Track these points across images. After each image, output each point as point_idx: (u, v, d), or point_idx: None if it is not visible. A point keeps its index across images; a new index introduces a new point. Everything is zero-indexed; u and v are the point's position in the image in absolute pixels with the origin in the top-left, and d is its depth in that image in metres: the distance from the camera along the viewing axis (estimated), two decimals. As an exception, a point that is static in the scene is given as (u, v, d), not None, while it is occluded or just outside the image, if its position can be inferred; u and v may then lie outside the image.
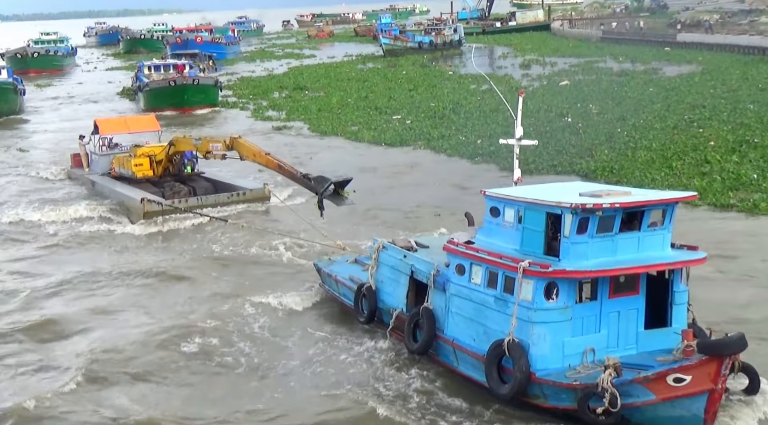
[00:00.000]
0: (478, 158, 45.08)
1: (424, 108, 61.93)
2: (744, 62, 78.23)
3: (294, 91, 78.04)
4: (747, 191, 34.19)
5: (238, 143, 31.93)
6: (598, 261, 16.47)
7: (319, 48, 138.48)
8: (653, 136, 45.28)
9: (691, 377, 14.81)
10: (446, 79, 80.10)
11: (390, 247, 21.59)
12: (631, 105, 56.10)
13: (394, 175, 43.08)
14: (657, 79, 69.85)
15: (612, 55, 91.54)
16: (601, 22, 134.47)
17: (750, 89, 60.04)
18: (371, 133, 54.04)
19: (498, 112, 57.11)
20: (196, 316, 23.97)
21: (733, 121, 48.12)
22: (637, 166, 39.31)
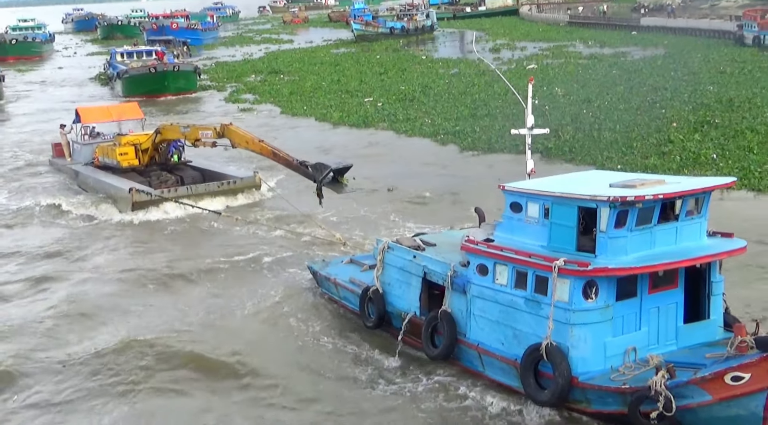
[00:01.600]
0: (440, 137, 45.08)
1: (395, 91, 61.55)
2: (706, 45, 78.74)
3: (269, 75, 77.50)
4: (702, 170, 34.07)
5: (229, 130, 30.37)
6: (637, 255, 15.27)
7: (295, 33, 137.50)
8: (617, 117, 45.25)
9: (750, 374, 13.66)
10: (417, 64, 79.73)
11: (396, 247, 19.71)
12: (595, 87, 56.11)
13: (360, 152, 42.23)
14: (622, 62, 70.00)
15: (581, 39, 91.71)
16: (567, 7, 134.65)
17: (710, 72, 60.37)
18: (340, 114, 53.78)
19: (466, 94, 57.21)
20: (189, 319, 22.26)
21: (694, 101, 48.29)
22: (600, 146, 39.37)
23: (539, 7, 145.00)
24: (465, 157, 41.06)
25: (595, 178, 18.53)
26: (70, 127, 40.13)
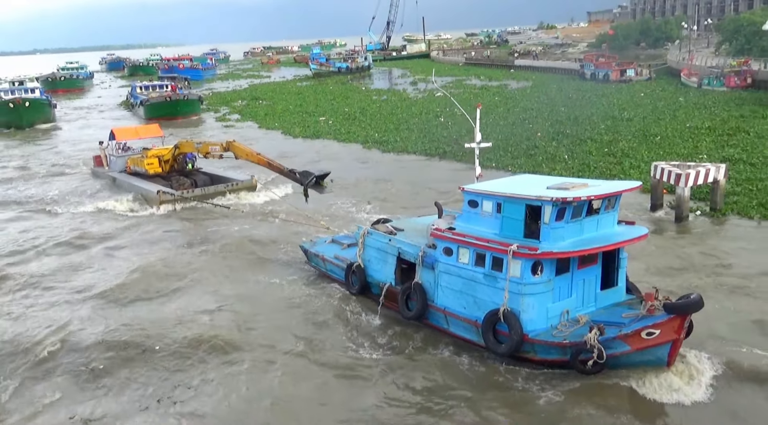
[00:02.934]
0: (368, 144, 44.88)
1: (341, 112, 60.69)
2: (559, 79, 79.47)
3: (251, 101, 75.77)
4: (556, 166, 34.44)
5: (233, 146, 29.35)
6: (571, 241, 14.99)
7: (271, 71, 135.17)
8: (499, 130, 45.27)
9: (660, 330, 13.96)
10: (358, 93, 78.84)
11: (374, 233, 19.24)
12: (483, 109, 55.89)
13: (311, 156, 41.68)
14: (504, 91, 70.15)
15: (475, 75, 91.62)
16: (464, 52, 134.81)
17: (562, 98, 60.95)
18: (300, 128, 53.06)
19: (392, 114, 56.67)
20: (210, 297, 20.37)
21: (551, 119, 48.62)
22: (487, 151, 39.19)
23: (444, 52, 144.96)
24: (384, 157, 41.35)
25: (531, 181, 17.89)
26: (106, 143, 39.02)
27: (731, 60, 67.13)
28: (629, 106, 52.06)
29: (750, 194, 27.09)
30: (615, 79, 71.31)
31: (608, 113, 49.35)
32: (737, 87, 57.46)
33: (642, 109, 50.64)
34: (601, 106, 53.90)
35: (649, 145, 37.37)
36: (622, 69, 73.41)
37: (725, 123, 42.41)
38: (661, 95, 58.29)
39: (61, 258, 24.65)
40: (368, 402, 14.55)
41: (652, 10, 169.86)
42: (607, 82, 70.86)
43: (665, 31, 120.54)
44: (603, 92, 62.55)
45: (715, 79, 60.04)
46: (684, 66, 71.01)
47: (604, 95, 60.39)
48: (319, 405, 14.54)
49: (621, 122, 45.39)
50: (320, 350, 16.80)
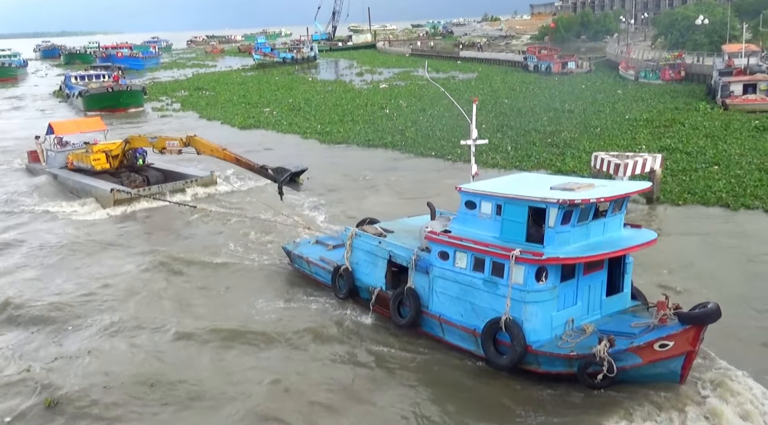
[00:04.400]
0: (306, 134, 44.68)
1: (285, 103, 59.70)
2: (504, 71, 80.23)
3: (194, 91, 73.84)
4: (499, 156, 34.81)
5: (194, 141, 27.15)
6: (577, 245, 13.96)
7: (215, 60, 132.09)
8: (444, 121, 45.30)
9: (674, 342, 12.99)
10: (303, 84, 77.75)
11: (363, 235, 18.05)
12: (428, 100, 56.13)
13: (251, 146, 40.37)
14: (450, 83, 70.16)
15: (422, 67, 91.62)
16: (410, 43, 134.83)
17: (506, 89, 61.55)
18: (242, 119, 52.19)
19: (337, 106, 56.11)
20: (178, 304, 18.90)
21: (495, 110, 48.96)
22: (433, 141, 39.38)
23: (390, 43, 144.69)
24: (322, 147, 41.31)
25: (532, 181, 16.88)
26: (43, 137, 36.28)
27: (666, 53, 69.14)
28: (570, 98, 52.91)
29: (683, 183, 27.84)
30: (557, 71, 72.47)
31: (550, 105, 50.04)
32: (672, 80, 59.16)
33: (583, 101, 51.54)
34: (543, 97, 54.63)
35: (590, 136, 38.03)
36: (563, 61, 74.66)
37: (662, 115, 43.55)
38: (600, 87, 59.50)
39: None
40: (354, 419, 13.42)
41: (592, 4, 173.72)
42: (549, 74, 71.93)
43: (604, 24, 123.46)
44: (545, 84, 63.42)
45: (651, 72, 61.68)
46: (622, 59, 72.74)
47: (547, 87, 61.23)
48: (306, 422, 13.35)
49: (563, 114, 46.09)
50: (304, 361, 15.54)
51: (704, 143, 34.48)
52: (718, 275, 19.15)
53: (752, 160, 30.30)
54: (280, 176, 24.46)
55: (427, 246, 16.01)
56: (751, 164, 29.73)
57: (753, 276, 19.04)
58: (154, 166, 32.97)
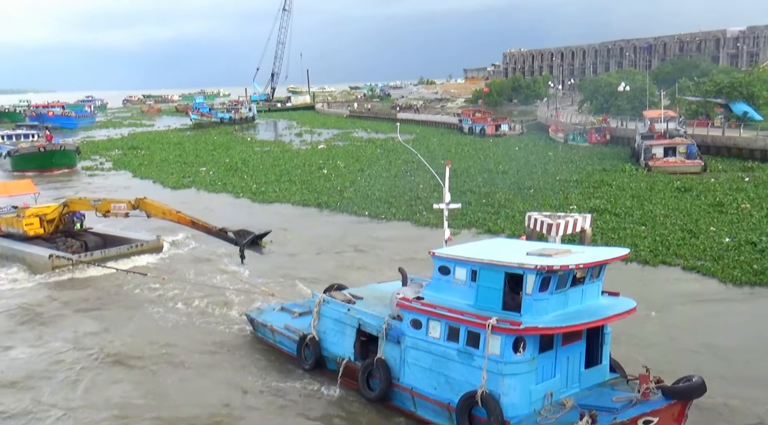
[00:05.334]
0: (239, 194, 44.49)
1: (222, 162, 59.28)
2: (440, 133, 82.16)
3: (129, 150, 72.52)
4: (432, 215, 34.81)
5: (144, 203, 25.62)
6: (555, 314, 13.37)
7: (153, 120, 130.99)
8: (382, 182, 45.73)
9: (659, 418, 12.39)
10: (241, 143, 77.44)
11: (331, 301, 17.23)
12: (366, 161, 56.73)
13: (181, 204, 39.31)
14: (388, 144, 71.05)
15: (362, 128, 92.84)
16: (348, 105, 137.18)
17: (442, 151, 62.87)
18: (175, 178, 51.58)
19: (275, 165, 55.99)
20: (137, 377, 17.70)
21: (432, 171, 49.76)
22: (371, 201, 39.52)
23: (329, 104, 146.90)
24: (253, 205, 41.13)
25: (507, 246, 16.32)
26: None
27: (592, 117, 72.59)
28: (504, 160, 54.50)
29: (611, 241, 28.68)
30: (491, 133, 74.80)
31: (485, 166, 51.33)
32: (598, 142, 61.94)
33: (516, 162, 53.14)
34: (478, 159, 56.05)
35: (523, 197, 38.99)
36: (496, 124, 77.22)
37: (590, 176, 45.26)
38: (532, 149, 61.64)
39: None
40: None
41: (522, 70, 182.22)
42: (483, 136, 74.14)
43: (534, 89, 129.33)
44: (480, 146, 65.25)
45: (578, 135, 64.47)
46: (552, 122, 75.92)
47: (482, 148, 62.98)
48: None
49: (497, 175, 47.29)
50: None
51: (631, 203, 35.86)
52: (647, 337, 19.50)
53: (676, 221, 31.62)
54: (242, 239, 23.32)
55: (399, 314, 15.33)
56: (674, 224, 31.01)
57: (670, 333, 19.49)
58: (92, 230, 31.09)
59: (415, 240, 30.97)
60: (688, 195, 37.51)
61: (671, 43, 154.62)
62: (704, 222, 30.98)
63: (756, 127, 53.23)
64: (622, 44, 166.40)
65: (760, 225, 30.07)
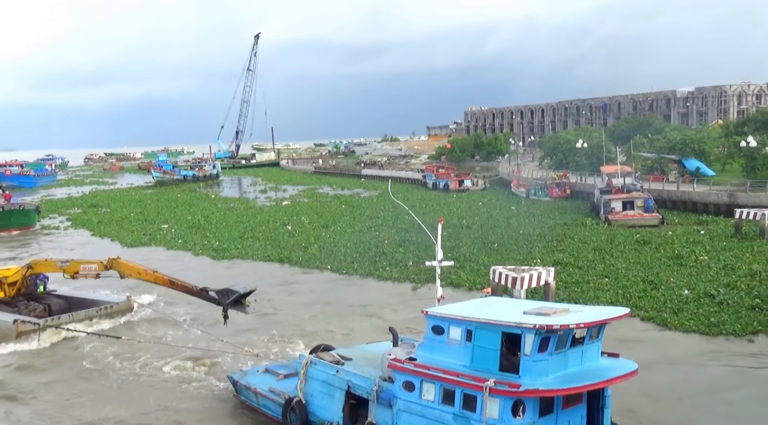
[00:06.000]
0: (198, 251, 43.84)
1: (185, 220, 58.59)
2: (405, 188, 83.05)
3: (89, 208, 71.36)
4: (402, 270, 35.33)
5: (117, 263, 24.42)
6: (555, 376, 12.86)
7: (115, 178, 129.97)
8: (347, 237, 45.65)
9: None
10: (205, 201, 76.90)
11: (319, 362, 16.46)
12: (330, 217, 56.72)
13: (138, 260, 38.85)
14: (354, 199, 71.45)
15: (327, 184, 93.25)
16: (313, 161, 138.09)
17: (407, 205, 62.91)
18: (135, 236, 50.61)
19: (239, 222, 55.53)
20: None
21: (397, 226, 50.00)
22: (337, 257, 39.31)
23: (293, 161, 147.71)
24: (215, 264, 40.37)
25: (502, 304, 15.82)
26: None
27: (552, 173, 74.36)
28: (468, 214, 55.10)
29: (574, 294, 28.88)
30: (454, 189, 75.85)
31: (449, 221, 51.69)
32: (559, 197, 63.26)
33: (479, 216, 53.75)
34: (442, 213, 56.47)
35: (488, 251, 39.25)
36: (460, 179, 78.45)
37: (553, 230, 45.96)
38: (496, 204, 62.55)
39: None
40: None
41: (483, 127, 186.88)
42: (447, 192, 75.09)
43: (495, 145, 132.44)
44: (444, 201, 65.98)
45: (540, 189, 65.81)
46: (513, 177, 77.46)
47: (446, 203, 63.65)
48: None
49: (461, 229, 47.68)
50: None
51: (593, 257, 36.38)
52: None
53: (637, 273, 32.10)
54: (226, 298, 22.36)
55: (390, 376, 14.72)
56: (636, 276, 31.47)
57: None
58: (56, 293, 29.37)
59: (379, 294, 30.97)
60: (648, 247, 38.25)
61: (625, 102, 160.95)
62: (664, 275, 31.50)
63: (708, 182, 55.17)
64: (579, 103, 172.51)
65: (717, 277, 30.69)
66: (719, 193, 50.92)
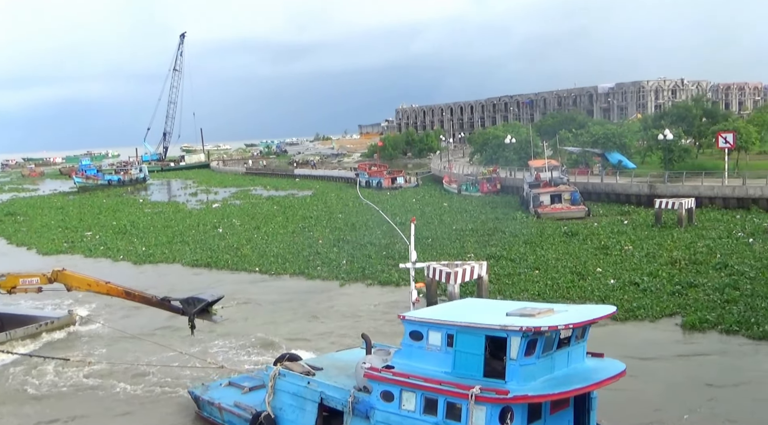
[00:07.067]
0: (118, 257, 42.55)
1: (109, 226, 56.40)
2: (338, 187, 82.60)
3: (5, 217, 67.32)
4: (332, 269, 35.09)
5: (63, 275, 22.12)
6: (542, 380, 12.19)
7: (36, 184, 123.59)
8: (280, 238, 44.93)
9: None
10: (131, 206, 74.10)
11: (288, 374, 15.39)
12: (262, 218, 55.72)
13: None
14: (288, 200, 70.25)
15: (261, 185, 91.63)
16: (244, 162, 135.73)
17: (340, 205, 62.97)
18: (55, 244, 48.53)
19: (167, 227, 53.83)
20: None
21: (331, 225, 49.58)
22: (269, 258, 38.61)
23: (224, 162, 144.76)
24: (137, 268, 39.39)
25: (483, 306, 15.04)
26: None
27: (483, 168, 75.57)
28: (401, 211, 55.18)
29: (505, 286, 29.29)
30: (387, 186, 75.99)
31: (383, 219, 51.71)
32: (490, 192, 64.31)
33: (413, 213, 53.71)
34: (376, 211, 56.46)
35: (422, 247, 39.23)
36: (392, 177, 78.68)
37: (485, 224, 46.61)
38: (428, 200, 62.98)
39: None
40: None
41: (415, 124, 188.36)
42: (380, 189, 75.15)
43: (427, 142, 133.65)
44: (378, 198, 65.87)
45: (471, 185, 66.72)
46: (445, 174, 78.29)
47: (379, 201, 63.45)
48: None
49: (395, 226, 47.65)
50: None
51: (524, 249, 37.06)
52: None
53: (566, 264, 32.87)
54: (192, 307, 20.80)
55: (366, 386, 13.88)
56: (565, 267, 32.22)
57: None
58: None
59: (311, 293, 30.79)
60: (576, 239, 39.29)
61: (550, 99, 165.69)
62: (591, 265, 32.39)
63: (630, 174, 57.28)
64: (506, 100, 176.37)
65: (641, 265, 31.80)
66: (640, 185, 52.95)
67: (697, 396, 18.11)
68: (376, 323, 25.64)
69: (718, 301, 25.41)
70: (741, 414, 16.98)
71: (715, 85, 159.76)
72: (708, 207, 46.56)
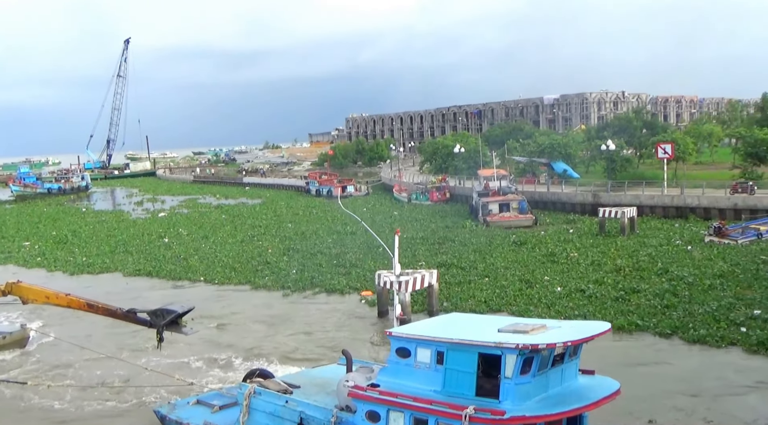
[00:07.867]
0: (53, 267, 41.25)
1: (49, 236, 54.37)
2: (288, 196, 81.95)
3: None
4: (278, 278, 34.57)
5: (18, 288, 20.21)
6: (537, 399, 11.71)
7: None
8: (228, 248, 44.15)
9: None
10: (73, 215, 71.61)
11: (264, 392, 14.49)
12: (210, 228, 54.66)
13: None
14: (235, 209, 69.26)
15: (211, 193, 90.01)
16: (192, 170, 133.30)
17: (290, 214, 62.42)
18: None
19: (111, 236, 52.26)
20: None
21: (280, 235, 48.99)
22: (217, 268, 37.83)
23: (171, 170, 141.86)
24: (73, 279, 37.89)
25: (474, 322, 14.46)
26: None
27: (432, 177, 76.15)
28: (352, 221, 55.01)
29: (455, 294, 29.33)
30: (337, 195, 75.73)
31: (333, 228, 51.44)
32: (439, 201, 64.83)
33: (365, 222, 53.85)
34: (326, 221, 56.13)
35: (373, 256, 39.27)
36: (343, 185, 78.47)
37: (435, 233, 46.86)
38: (379, 209, 62.99)
39: None
40: None
41: (365, 133, 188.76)
42: (331, 198, 74.81)
43: (377, 151, 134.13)
44: (328, 207, 65.62)
45: (421, 194, 67.12)
46: (395, 182, 78.56)
47: (330, 210, 63.29)
48: None
49: (346, 236, 47.50)
50: None
51: (474, 257, 37.37)
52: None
53: (515, 272, 33.27)
54: (161, 319, 19.37)
55: (349, 405, 13.14)
56: (514, 275, 32.60)
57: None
58: None
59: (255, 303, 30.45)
60: (524, 247, 39.85)
61: (498, 109, 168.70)
62: (539, 273, 32.86)
63: (575, 184, 58.66)
64: (455, 110, 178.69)
65: (587, 273, 32.44)
66: (584, 194, 54.26)
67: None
68: (327, 334, 25.42)
69: (658, 307, 26.11)
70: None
71: (654, 97, 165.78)
72: (649, 215, 48.03)
